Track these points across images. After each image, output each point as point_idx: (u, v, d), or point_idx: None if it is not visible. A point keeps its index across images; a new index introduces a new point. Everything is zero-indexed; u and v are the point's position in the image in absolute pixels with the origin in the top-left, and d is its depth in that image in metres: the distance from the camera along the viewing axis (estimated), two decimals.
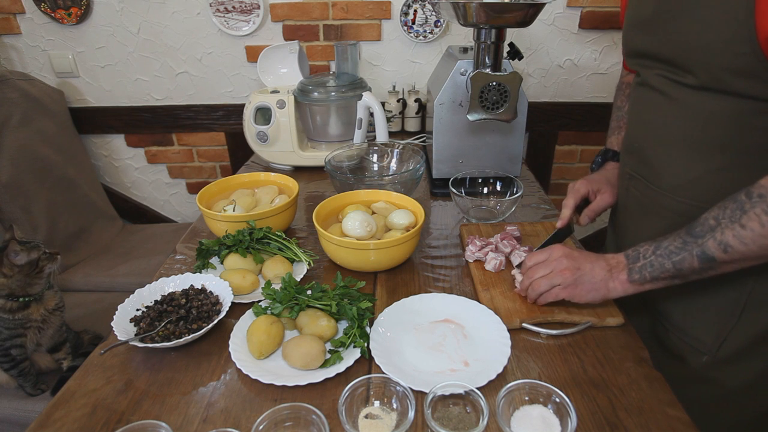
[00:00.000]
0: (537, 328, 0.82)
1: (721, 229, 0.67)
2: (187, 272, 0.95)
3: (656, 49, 0.80)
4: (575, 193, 1.01)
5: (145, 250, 1.89)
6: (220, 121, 2.04)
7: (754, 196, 0.65)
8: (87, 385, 0.74)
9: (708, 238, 0.69)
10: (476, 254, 1.00)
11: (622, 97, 1.10)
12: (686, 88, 0.76)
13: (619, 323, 0.83)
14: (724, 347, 0.81)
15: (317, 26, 1.86)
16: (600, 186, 1.02)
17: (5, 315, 1.08)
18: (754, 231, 0.64)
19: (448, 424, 0.64)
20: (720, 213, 0.68)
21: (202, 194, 1.13)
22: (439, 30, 1.83)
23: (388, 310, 0.86)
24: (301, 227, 1.21)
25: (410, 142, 1.70)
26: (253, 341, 0.77)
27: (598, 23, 1.80)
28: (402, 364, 0.76)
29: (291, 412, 0.65)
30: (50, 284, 1.15)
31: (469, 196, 1.18)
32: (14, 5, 1.84)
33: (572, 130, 2.01)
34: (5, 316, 1.08)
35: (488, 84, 1.11)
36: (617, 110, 1.11)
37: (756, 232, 0.64)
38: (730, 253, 0.67)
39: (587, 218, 1.01)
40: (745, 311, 0.78)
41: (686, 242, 0.71)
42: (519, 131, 1.30)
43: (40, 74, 1.97)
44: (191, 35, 1.89)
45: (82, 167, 1.97)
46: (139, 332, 0.80)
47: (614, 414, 0.67)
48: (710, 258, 0.69)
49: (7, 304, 1.07)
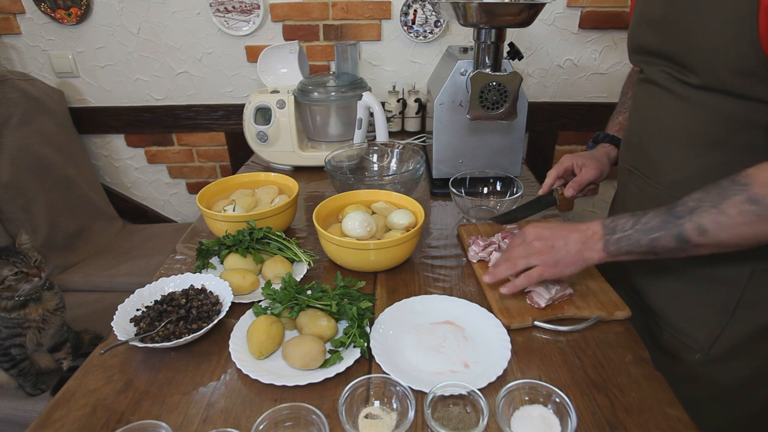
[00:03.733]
0: (548, 325, 0.82)
1: (700, 212, 0.67)
2: (187, 272, 0.95)
3: (661, 47, 0.80)
4: (559, 165, 1.07)
5: (145, 250, 1.89)
6: (220, 121, 2.04)
7: (739, 183, 0.65)
8: (87, 385, 0.74)
9: (687, 219, 0.68)
10: (480, 254, 1.00)
11: (629, 83, 1.12)
12: (688, 87, 0.76)
13: (626, 315, 0.84)
14: (717, 345, 0.81)
15: (317, 26, 1.86)
16: (585, 161, 1.05)
17: (1, 313, 1.07)
18: (732, 218, 0.64)
19: (448, 424, 0.64)
20: (703, 196, 0.68)
21: (202, 194, 1.13)
22: (439, 30, 1.83)
23: (389, 310, 0.86)
24: (301, 227, 1.21)
25: (410, 142, 1.70)
26: (253, 341, 0.77)
27: (598, 23, 1.80)
28: (402, 363, 0.76)
29: (291, 412, 0.65)
30: (50, 285, 1.15)
31: (469, 196, 1.18)
32: (14, 5, 1.84)
33: (572, 130, 2.01)
34: (2, 314, 1.08)
35: (488, 84, 1.11)
36: (623, 95, 1.14)
37: (734, 219, 0.64)
38: (706, 237, 0.67)
39: (572, 190, 1.03)
40: (738, 309, 0.79)
41: (665, 221, 0.71)
42: (519, 131, 1.30)
43: (40, 74, 1.97)
44: (191, 35, 1.89)
45: (82, 167, 1.97)
46: (139, 332, 0.80)
47: (614, 414, 0.67)
48: (685, 239, 0.69)
49: (1, 303, 1.07)
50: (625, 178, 0.95)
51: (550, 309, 0.85)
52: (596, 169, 1.03)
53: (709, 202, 0.67)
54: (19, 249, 1.08)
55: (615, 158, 1.07)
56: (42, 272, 1.08)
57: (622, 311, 0.85)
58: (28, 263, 1.07)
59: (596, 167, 1.03)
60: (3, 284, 1.04)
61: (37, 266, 1.08)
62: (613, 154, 1.07)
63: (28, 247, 1.09)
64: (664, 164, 0.83)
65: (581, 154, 1.07)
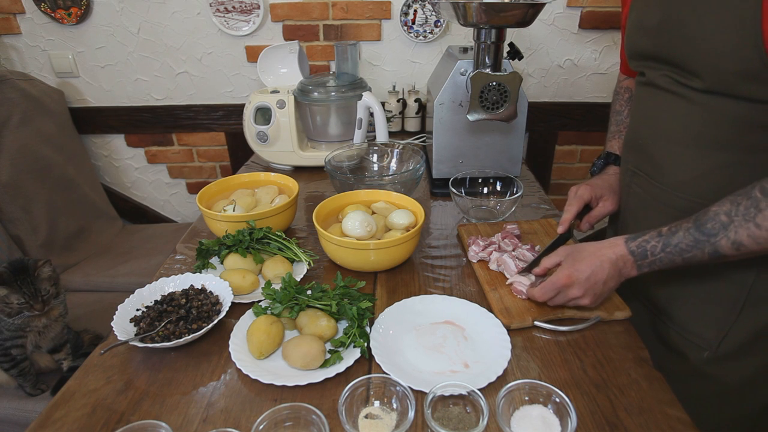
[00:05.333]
0: (549, 325, 0.82)
1: (735, 228, 0.66)
2: (187, 272, 0.95)
3: (663, 53, 0.80)
4: (578, 199, 1.00)
5: (145, 250, 1.89)
6: (220, 121, 2.04)
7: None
8: (87, 385, 0.74)
9: (721, 236, 0.68)
10: (480, 254, 1.00)
11: (621, 102, 1.09)
12: (692, 90, 0.76)
13: (626, 316, 0.84)
14: (725, 343, 0.81)
15: (317, 26, 1.86)
16: (603, 192, 1.01)
17: (5, 318, 1.07)
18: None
19: (448, 424, 0.64)
20: (733, 209, 0.67)
21: (202, 194, 1.13)
22: (439, 30, 1.83)
23: (389, 310, 0.86)
24: (301, 227, 1.21)
25: (410, 142, 1.70)
26: (253, 341, 0.77)
27: (598, 23, 1.80)
28: (402, 363, 0.76)
29: (291, 412, 0.65)
30: (57, 293, 1.14)
31: (469, 196, 1.18)
32: (14, 5, 1.84)
33: (572, 130, 2.01)
34: (6, 319, 1.08)
35: (488, 84, 1.11)
36: (616, 114, 1.10)
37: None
38: (741, 250, 0.67)
39: (587, 225, 1.01)
40: (746, 307, 0.79)
41: (698, 240, 0.70)
42: (519, 131, 1.30)
43: (40, 74, 1.97)
44: (191, 35, 1.89)
45: (82, 167, 1.97)
46: (139, 332, 0.80)
47: (614, 414, 0.67)
48: (720, 255, 0.69)
49: (6, 308, 1.07)
50: (628, 179, 0.95)
51: (550, 309, 0.85)
52: (613, 203, 1.00)
53: (741, 215, 0.66)
54: (34, 277, 1.07)
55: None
56: (46, 306, 1.09)
57: (622, 311, 0.85)
58: (36, 297, 1.07)
59: (613, 200, 1.00)
60: (8, 306, 1.05)
61: (43, 300, 1.08)
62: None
63: (45, 277, 1.09)
64: (669, 165, 0.83)
65: (598, 184, 1.03)
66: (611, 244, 0.79)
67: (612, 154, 1.07)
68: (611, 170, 1.06)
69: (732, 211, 0.67)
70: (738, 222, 0.66)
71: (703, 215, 0.71)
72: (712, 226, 0.69)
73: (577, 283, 0.78)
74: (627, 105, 1.07)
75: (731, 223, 0.67)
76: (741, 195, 0.67)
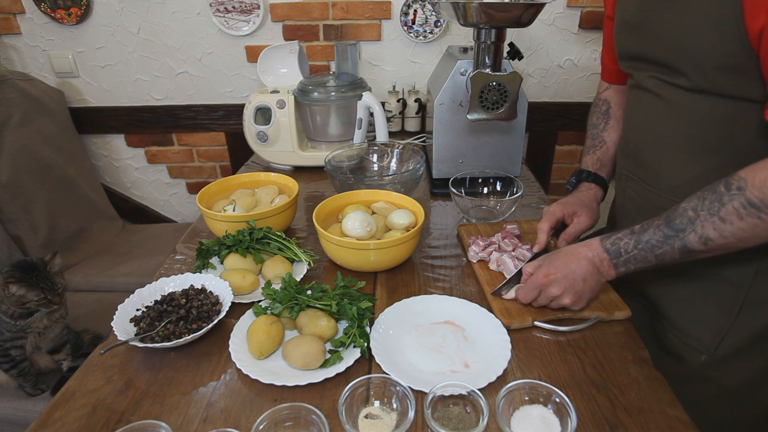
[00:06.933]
0: (548, 325, 0.82)
1: (701, 222, 0.68)
2: (187, 272, 0.95)
3: (647, 52, 0.80)
4: (550, 215, 0.98)
5: (145, 250, 1.89)
6: (220, 121, 2.04)
7: (733, 188, 0.65)
8: (87, 385, 0.74)
9: (689, 231, 0.69)
10: (480, 254, 1.00)
11: (598, 114, 1.08)
12: (679, 90, 0.76)
13: (626, 316, 0.85)
14: (723, 346, 0.81)
15: (317, 26, 1.86)
16: (576, 209, 0.99)
17: (8, 320, 1.07)
18: (733, 224, 0.65)
19: (448, 424, 0.64)
20: (699, 204, 0.69)
21: (202, 194, 1.13)
22: (439, 30, 1.83)
23: (389, 310, 0.86)
24: (301, 227, 1.21)
25: (410, 142, 1.70)
26: (253, 341, 0.77)
27: (598, 23, 1.80)
28: (402, 363, 0.76)
29: (291, 412, 0.65)
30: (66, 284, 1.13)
31: (469, 196, 1.18)
32: (14, 5, 1.84)
33: (572, 130, 2.01)
34: (9, 321, 1.07)
35: (488, 84, 1.11)
36: (593, 128, 1.09)
37: (735, 225, 0.65)
38: (709, 245, 0.68)
39: (564, 242, 0.98)
40: (743, 310, 0.79)
41: (667, 236, 0.72)
42: (519, 131, 1.30)
43: (40, 74, 1.97)
44: (191, 35, 1.89)
45: (82, 167, 1.97)
46: (139, 332, 0.80)
47: (614, 414, 0.67)
48: (690, 250, 0.70)
49: (10, 310, 1.06)
50: (623, 183, 0.95)
51: (551, 309, 0.85)
52: (589, 218, 0.99)
53: (706, 210, 0.67)
54: (48, 272, 1.06)
55: (602, 199, 1.05)
56: (62, 299, 1.08)
57: (622, 311, 0.85)
58: (54, 290, 1.06)
59: (589, 216, 0.99)
60: (24, 306, 1.04)
61: (60, 293, 1.07)
62: (600, 196, 1.04)
63: (56, 271, 1.08)
64: (661, 170, 0.83)
65: (570, 201, 1.01)
66: (586, 243, 0.80)
67: (584, 171, 1.06)
68: (583, 187, 1.05)
69: (698, 206, 0.69)
70: (704, 216, 0.68)
71: (673, 212, 0.72)
72: (680, 222, 0.70)
73: (555, 282, 0.80)
74: (604, 118, 1.07)
75: (697, 218, 0.68)
76: (707, 190, 0.69)
